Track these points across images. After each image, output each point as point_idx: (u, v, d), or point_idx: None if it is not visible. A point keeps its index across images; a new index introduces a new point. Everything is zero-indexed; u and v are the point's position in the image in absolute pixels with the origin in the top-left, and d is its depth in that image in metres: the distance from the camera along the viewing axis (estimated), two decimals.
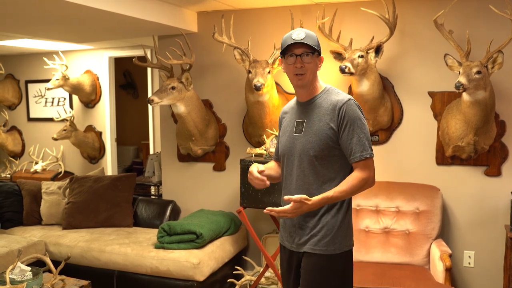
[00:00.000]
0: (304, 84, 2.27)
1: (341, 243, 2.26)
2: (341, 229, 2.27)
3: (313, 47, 2.23)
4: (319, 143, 2.23)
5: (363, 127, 2.21)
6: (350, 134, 2.19)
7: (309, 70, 2.24)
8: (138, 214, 4.73)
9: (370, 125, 4.00)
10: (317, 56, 2.26)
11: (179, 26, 4.28)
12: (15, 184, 4.96)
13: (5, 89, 6.76)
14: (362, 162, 2.20)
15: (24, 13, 3.62)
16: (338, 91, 2.32)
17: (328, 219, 2.25)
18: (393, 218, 3.81)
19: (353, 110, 2.21)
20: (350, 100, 2.24)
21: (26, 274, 3.24)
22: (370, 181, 2.22)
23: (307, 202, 2.12)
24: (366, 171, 2.20)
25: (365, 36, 3.82)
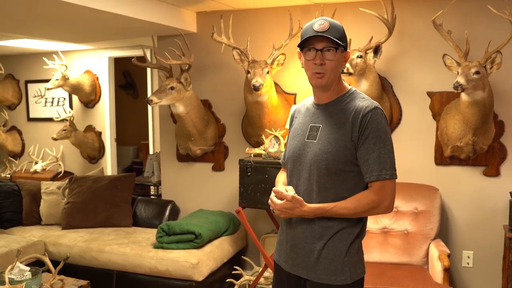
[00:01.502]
0: (323, 84, 1.96)
1: (351, 271, 1.94)
2: (351, 255, 1.95)
3: (337, 41, 1.89)
4: (335, 155, 1.90)
5: (387, 142, 1.88)
6: (370, 148, 1.87)
7: (330, 68, 1.92)
8: (137, 214, 4.74)
9: None
10: (341, 52, 1.93)
11: (178, 27, 4.28)
12: (14, 184, 4.97)
13: (5, 89, 6.77)
14: (379, 183, 1.87)
15: (23, 13, 3.63)
16: (364, 96, 1.99)
17: (336, 244, 1.94)
18: (391, 218, 3.81)
19: (378, 121, 1.87)
20: (377, 108, 1.90)
21: (25, 274, 3.24)
22: (383, 206, 1.89)
23: (300, 206, 1.91)
24: (381, 194, 1.88)
25: (364, 36, 3.83)
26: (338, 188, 1.93)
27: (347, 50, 1.98)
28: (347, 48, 1.97)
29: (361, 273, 2.00)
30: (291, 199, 1.90)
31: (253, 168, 3.86)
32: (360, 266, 1.99)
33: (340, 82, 2.02)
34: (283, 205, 1.92)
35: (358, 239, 1.99)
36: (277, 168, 3.80)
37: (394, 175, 1.89)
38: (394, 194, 1.91)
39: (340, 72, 2.00)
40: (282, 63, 3.98)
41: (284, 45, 3.93)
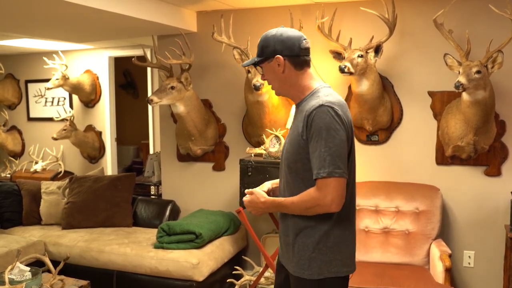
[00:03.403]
0: (277, 93, 2.18)
1: (320, 267, 1.98)
2: (322, 252, 1.98)
3: (253, 61, 2.08)
4: (293, 154, 2.00)
5: (328, 139, 1.86)
6: (313, 146, 1.90)
7: (270, 81, 2.10)
8: (137, 214, 4.73)
9: (370, 125, 3.99)
10: (268, 62, 2.03)
11: (179, 26, 4.27)
12: (14, 184, 4.96)
13: (5, 88, 6.76)
14: (320, 181, 1.88)
15: (23, 13, 3.62)
16: (320, 94, 1.98)
17: (304, 239, 2.00)
18: (392, 218, 3.80)
19: (321, 118, 1.88)
20: (321, 106, 1.89)
21: (25, 274, 3.23)
22: (325, 204, 1.88)
23: (261, 200, 2.08)
24: (322, 191, 1.88)
25: (364, 36, 3.81)
26: (299, 186, 1.99)
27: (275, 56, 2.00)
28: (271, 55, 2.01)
29: (337, 272, 2.00)
30: (251, 193, 2.10)
31: (254, 168, 3.85)
32: (335, 265, 1.99)
33: (300, 84, 2.05)
34: (247, 199, 2.12)
35: (331, 237, 1.99)
36: (277, 168, 3.78)
37: (333, 173, 1.85)
38: (339, 192, 1.88)
39: (286, 77, 2.03)
40: None
41: None
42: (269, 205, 2.07)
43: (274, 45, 2.00)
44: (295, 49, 2.00)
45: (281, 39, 2.00)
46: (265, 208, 2.09)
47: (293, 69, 2.02)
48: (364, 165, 4.14)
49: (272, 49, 2.00)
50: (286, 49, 1.99)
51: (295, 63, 2.02)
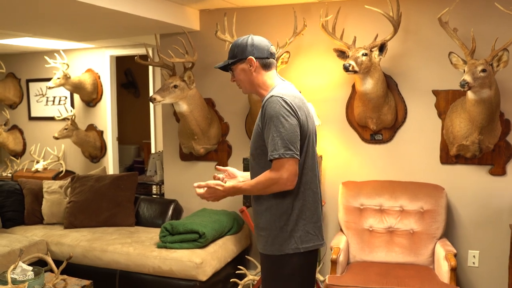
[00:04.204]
0: (245, 93, 2.44)
1: (281, 244, 2.22)
2: (282, 230, 2.22)
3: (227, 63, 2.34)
4: (253, 142, 2.28)
5: (279, 125, 2.10)
6: (267, 133, 2.14)
7: (240, 81, 2.36)
8: (140, 214, 4.70)
9: (374, 124, 3.97)
10: (241, 63, 2.31)
11: (182, 24, 4.25)
12: (16, 184, 4.93)
13: (6, 88, 6.75)
14: (274, 162, 2.12)
15: (26, 11, 3.60)
16: (275, 89, 2.25)
17: (267, 218, 2.25)
18: (397, 218, 3.78)
19: (271, 107, 2.13)
20: (272, 97, 2.17)
21: (27, 274, 3.22)
22: (281, 182, 2.12)
23: (219, 188, 2.27)
24: (277, 171, 2.11)
25: (368, 34, 3.80)
26: (259, 169, 2.23)
27: (246, 58, 2.28)
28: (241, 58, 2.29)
29: (296, 249, 2.21)
30: (205, 186, 2.30)
31: None
32: (294, 243, 2.21)
33: (266, 82, 2.31)
34: (207, 191, 2.31)
35: (291, 216, 2.22)
36: None
37: (284, 154, 2.09)
38: (291, 171, 2.11)
39: (254, 78, 2.30)
40: (287, 61, 3.96)
41: (289, 43, 3.91)
42: (229, 191, 2.28)
43: (247, 49, 2.28)
44: (265, 52, 2.30)
45: (253, 43, 2.29)
46: (226, 194, 2.29)
47: (262, 70, 2.30)
48: (367, 164, 4.13)
49: (245, 52, 2.28)
50: (258, 52, 2.28)
51: (264, 64, 2.30)
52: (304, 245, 2.22)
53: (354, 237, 3.80)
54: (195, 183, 2.35)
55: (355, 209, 3.87)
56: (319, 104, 4.14)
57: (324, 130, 4.20)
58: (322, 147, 4.21)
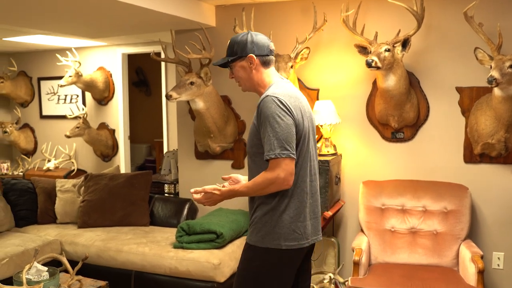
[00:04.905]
0: (244, 90, 2.42)
1: (264, 237, 2.23)
2: (269, 224, 2.23)
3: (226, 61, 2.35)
4: (249, 140, 2.29)
5: (274, 125, 2.12)
6: (263, 133, 2.16)
7: (239, 79, 2.36)
8: (154, 213, 4.62)
9: (395, 122, 3.87)
10: (241, 61, 2.31)
11: (197, 20, 4.17)
12: (29, 182, 4.86)
13: (18, 86, 6.71)
14: (270, 162, 2.14)
15: (41, 6, 3.55)
16: (271, 88, 2.26)
17: (257, 214, 2.27)
18: (420, 218, 3.68)
19: (266, 107, 2.15)
20: (267, 97, 2.17)
21: (42, 275, 3.17)
22: (278, 182, 2.13)
23: (216, 193, 2.29)
24: (274, 171, 2.12)
25: (390, 30, 3.70)
26: (257, 168, 2.24)
27: (247, 55, 2.28)
28: (242, 55, 2.29)
29: (277, 244, 2.21)
30: (202, 191, 2.32)
31: None
32: (277, 238, 2.21)
33: (264, 80, 2.32)
34: (204, 197, 2.32)
35: (277, 212, 2.22)
36: None
37: (281, 154, 2.10)
38: (288, 170, 2.13)
39: (255, 75, 2.31)
40: (306, 57, 3.86)
41: (308, 38, 3.81)
42: (226, 195, 2.30)
43: (247, 46, 2.28)
44: (265, 50, 2.31)
45: (253, 40, 2.29)
46: (222, 198, 2.31)
47: (261, 67, 2.31)
48: (388, 163, 4.03)
49: (245, 49, 2.29)
50: (258, 49, 2.29)
51: (264, 61, 2.31)
52: (287, 242, 2.22)
53: (376, 238, 3.70)
54: (192, 189, 2.37)
55: (376, 209, 3.77)
56: (339, 101, 4.05)
57: (343, 128, 4.10)
58: (342, 145, 4.11)
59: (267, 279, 2.26)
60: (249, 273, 2.30)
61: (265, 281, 2.26)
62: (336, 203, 3.91)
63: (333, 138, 3.99)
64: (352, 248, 3.50)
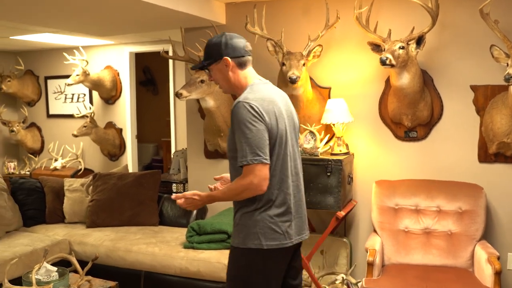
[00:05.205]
0: (225, 92, 2.44)
1: (245, 238, 2.24)
2: (248, 225, 2.24)
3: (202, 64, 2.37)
4: (228, 145, 2.30)
5: (245, 131, 2.12)
6: (236, 138, 2.17)
7: (218, 81, 2.38)
8: (163, 213, 4.57)
9: (409, 121, 3.82)
10: (216, 63, 2.31)
11: (207, 18, 4.13)
12: (37, 181, 4.82)
13: (25, 85, 6.68)
14: (244, 169, 2.15)
15: (48, 4, 3.52)
16: (245, 91, 2.25)
17: (237, 216, 2.30)
18: (434, 218, 3.62)
19: (238, 112, 2.15)
20: (239, 102, 2.17)
21: (52, 275, 3.13)
22: (252, 187, 2.14)
23: (196, 198, 2.32)
24: (247, 177, 2.13)
25: (403, 27, 3.64)
26: (235, 173, 2.26)
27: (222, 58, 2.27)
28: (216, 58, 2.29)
29: (258, 244, 2.21)
30: (182, 197, 2.35)
31: None
32: (257, 238, 2.21)
33: (241, 81, 2.31)
34: (185, 202, 2.35)
35: (257, 212, 2.22)
36: (313, 165, 3.64)
37: (252, 160, 2.11)
38: (261, 176, 2.13)
39: (231, 77, 2.30)
40: (319, 54, 3.80)
41: (321, 36, 3.76)
42: (205, 200, 2.34)
43: (221, 49, 2.28)
44: (241, 51, 2.29)
45: (227, 43, 2.28)
46: (202, 203, 2.36)
47: (238, 69, 2.29)
48: (402, 162, 3.97)
49: (220, 52, 2.28)
50: (233, 51, 2.27)
51: (240, 63, 2.29)
52: (269, 242, 2.23)
53: (389, 238, 3.64)
54: (173, 195, 2.41)
55: (389, 209, 3.72)
56: (351, 99, 3.99)
57: (355, 127, 4.05)
58: (354, 144, 4.06)
59: (253, 280, 2.28)
60: (236, 275, 2.32)
61: (252, 282, 2.28)
62: (348, 203, 3.86)
63: (345, 137, 3.93)
64: (366, 248, 3.45)
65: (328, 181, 3.60)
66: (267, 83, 2.38)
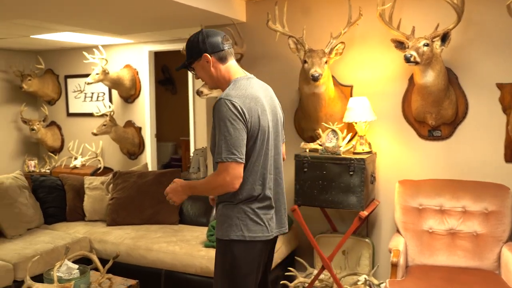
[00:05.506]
0: (211, 88, 2.56)
1: (227, 230, 2.30)
2: (231, 218, 2.30)
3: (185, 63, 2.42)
4: (210, 141, 2.35)
5: (224, 128, 2.16)
6: (216, 135, 2.20)
7: (203, 78, 2.42)
8: (183, 211, 4.56)
9: (433, 120, 3.75)
10: (198, 61, 2.35)
11: (228, 15, 4.10)
12: (58, 179, 4.84)
13: (45, 84, 6.71)
14: (218, 166, 2.19)
15: (69, 2, 3.51)
16: (228, 88, 2.29)
17: (220, 208, 2.36)
18: (459, 219, 3.55)
19: (219, 110, 2.18)
20: (220, 100, 2.20)
21: (73, 272, 3.14)
22: (224, 184, 2.20)
23: (178, 184, 2.40)
24: (220, 174, 2.19)
25: (427, 24, 3.58)
26: (214, 167, 2.26)
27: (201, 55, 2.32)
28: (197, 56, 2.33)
29: (241, 236, 2.28)
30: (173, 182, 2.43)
31: (310, 164, 3.64)
32: (239, 230, 2.28)
33: (225, 76, 2.35)
34: (169, 187, 2.43)
35: (236, 208, 2.30)
36: (335, 164, 3.59)
37: (227, 158, 2.14)
38: (234, 174, 2.17)
39: (215, 73, 2.34)
40: (341, 52, 3.75)
41: (343, 33, 3.70)
42: (185, 188, 2.39)
43: (200, 46, 2.32)
44: (219, 45, 2.32)
45: (204, 39, 2.32)
46: (182, 191, 2.39)
47: (219, 63, 2.33)
48: (425, 162, 3.90)
49: (198, 49, 2.32)
50: (211, 47, 2.31)
51: (220, 57, 2.33)
52: (251, 234, 2.29)
53: (413, 239, 3.58)
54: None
55: (413, 209, 3.65)
56: (373, 98, 3.93)
57: (378, 126, 3.98)
58: (377, 143, 4.00)
59: (236, 271, 2.32)
60: (221, 267, 2.36)
61: (235, 273, 2.32)
62: (371, 203, 3.80)
63: (368, 136, 3.87)
64: (389, 249, 3.39)
65: (350, 180, 3.55)
66: (251, 78, 2.40)
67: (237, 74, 2.37)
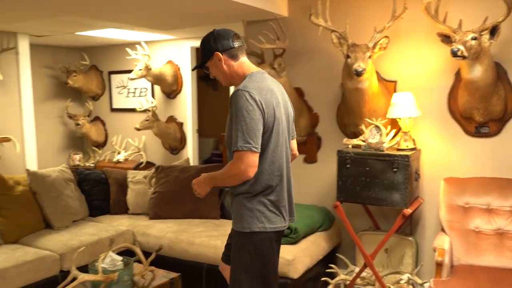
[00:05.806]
0: (225, 85, 2.56)
1: (248, 222, 2.34)
2: (249, 210, 2.35)
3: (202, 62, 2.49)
4: (227, 133, 2.37)
5: (242, 118, 2.21)
6: (233, 126, 2.25)
7: (216, 76, 2.49)
8: (225, 206, 4.58)
9: (480, 116, 3.64)
10: (210, 60, 2.43)
11: (270, 10, 4.08)
12: (102, 173, 4.95)
13: (89, 80, 6.85)
14: (235, 155, 2.25)
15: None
16: (244, 81, 2.35)
17: (237, 200, 2.40)
18: (507, 219, 3.44)
19: (236, 100, 2.24)
20: (238, 91, 2.26)
21: (117, 264, 3.20)
22: (240, 173, 2.25)
23: (202, 176, 2.49)
24: (236, 163, 2.25)
25: (474, 18, 3.47)
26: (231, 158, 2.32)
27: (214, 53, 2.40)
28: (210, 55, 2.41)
29: (262, 228, 2.34)
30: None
31: (353, 160, 3.60)
32: (260, 222, 2.33)
33: (238, 72, 2.42)
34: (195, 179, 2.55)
35: (254, 200, 2.35)
36: (378, 161, 3.53)
37: (242, 147, 2.20)
38: (248, 163, 2.23)
39: (227, 71, 2.41)
40: (385, 46, 3.68)
41: (387, 27, 3.63)
42: (207, 179, 2.48)
43: (211, 46, 2.41)
44: (229, 43, 2.40)
45: (215, 38, 2.40)
46: (205, 182, 2.49)
47: (231, 61, 2.41)
48: (472, 159, 3.79)
49: (210, 48, 2.41)
50: (222, 45, 2.39)
51: (231, 55, 2.41)
52: (271, 225, 2.36)
53: (458, 238, 3.49)
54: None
55: (459, 207, 3.56)
56: (418, 93, 3.84)
57: (423, 122, 3.90)
58: (421, 139, 3.91)
59: (259, 261, 2.38)
60: (240, 259, 2.39)
61: (258, 263, 2.37)
62: (415, 200, 3.72)
63: (412, 132, 3.80)
64: (434, 248, 3.31)
65: (394, 177, 3.49)
66: (265, 73, 2.47)
67: (251, 69, 2.44)
